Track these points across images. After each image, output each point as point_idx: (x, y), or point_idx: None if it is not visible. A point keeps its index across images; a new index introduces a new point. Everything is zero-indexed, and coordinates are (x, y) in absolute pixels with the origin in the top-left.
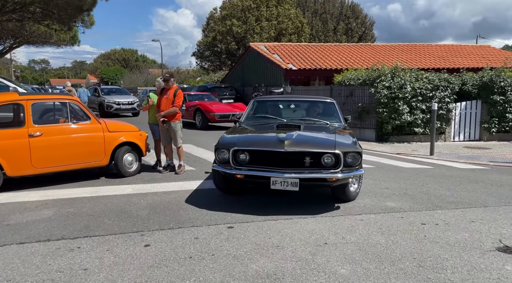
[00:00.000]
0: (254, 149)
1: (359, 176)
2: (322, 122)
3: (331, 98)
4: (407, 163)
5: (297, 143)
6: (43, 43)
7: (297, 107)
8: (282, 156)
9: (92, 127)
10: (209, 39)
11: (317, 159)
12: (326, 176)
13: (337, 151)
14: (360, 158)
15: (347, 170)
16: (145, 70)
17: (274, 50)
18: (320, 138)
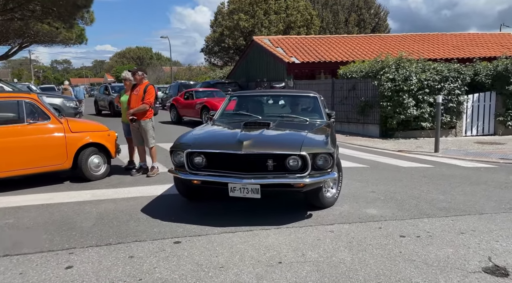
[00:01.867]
0: (210, 151)
1: (336, 179)
2: (301, 119)
3: (314, 93)
4: (406, 162)
5: (258, 144)
6: (50, 42)
7: (276, 102)
8: (240, 159)
9: (51, 128)
10: (216, 34)
11: (281, 162)
12: (291, 181)
13: (303, 153)
14: (332, 160)
15: (317, 173)
16: (158, 68)
17: (278, 44)
18: (287, 138)
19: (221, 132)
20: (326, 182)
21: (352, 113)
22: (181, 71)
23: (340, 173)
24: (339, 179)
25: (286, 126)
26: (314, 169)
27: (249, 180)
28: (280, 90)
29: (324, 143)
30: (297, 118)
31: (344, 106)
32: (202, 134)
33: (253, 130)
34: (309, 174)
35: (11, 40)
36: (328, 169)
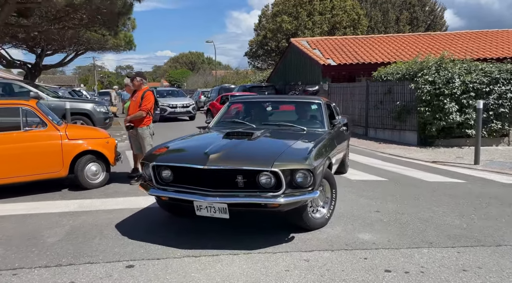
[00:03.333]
0: (174, 165)
1: (327, 197)
2: (297, 127)
3: (320, 99)
4: (435, 175)
5: (225, 158)
6: (101, 49)
7: (275, 109)
8: (205, 174)
9: (47, 135)
10: (260, 37)
11: (253, 179)
12: (263, 201)
13: (274, 169)
14: (312, 178)
15: (296, 192)
16: (206, 72)
17: (315, 45)
18: (261, 152)
19: (197, 143)
20: (314, 201)
21: (388, 119)
22: (229, 75)
23: (334, 190)
24: (332, 197)
25: (275, 137)
26: (292, 187)
27: (214, 198)
28: (283, 96)
29: (303, 157)
30: (294, 127)
31: (379, 111)
32: (176, 145)
33: (230, 142)
34: (284, 192)
35: (68, 48)
36: (309, 187)
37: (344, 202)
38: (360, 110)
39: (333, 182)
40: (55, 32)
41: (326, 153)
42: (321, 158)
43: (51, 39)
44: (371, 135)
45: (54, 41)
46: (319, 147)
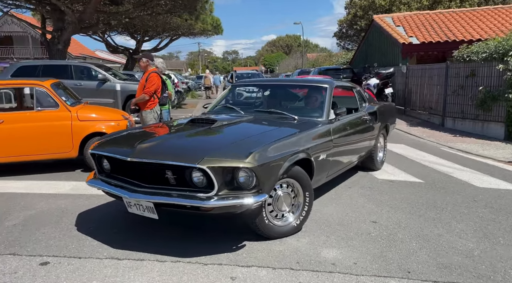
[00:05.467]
0: (104, 154)
1: (299, 202)
2: (287, 116)
3: (328, 83)
4: (495, 180)
5: (152, 150)
6: (191, 35)
7: (275, 94)
8: (133, 167)
9: (58, 116)
10: (350, 16)
11: (184, 176)
12: (190, 203)
13: (200, 166)
14: (254, 178)
15: (233, 194)
16: (297, 55)
17: (400, 22)
18: (200, 143)
19: (150, 131)
20: (277, 204)
21: (469, 107)
22: (321, 58)
23: (307, 193)
24: (305, 201)
25: (243, 126)
26: (232, 188)
27: (140, 195)
28: (288, 80)
29: (244, 153)
30: (284, 115)
31: (459, 98)
32: (128, 132)
33: (186, 131)
34: (218, 194)
35: (162, 34)
36: (252, 188)
37: (342, 205)
38: (437, 96)
39: (306, 183)
40: (147, 19)
41: (296, 147)
42: (279, 154)
43: (147, 25)
44: (448, 126)
45: (149, 27)
46: (283, 141)
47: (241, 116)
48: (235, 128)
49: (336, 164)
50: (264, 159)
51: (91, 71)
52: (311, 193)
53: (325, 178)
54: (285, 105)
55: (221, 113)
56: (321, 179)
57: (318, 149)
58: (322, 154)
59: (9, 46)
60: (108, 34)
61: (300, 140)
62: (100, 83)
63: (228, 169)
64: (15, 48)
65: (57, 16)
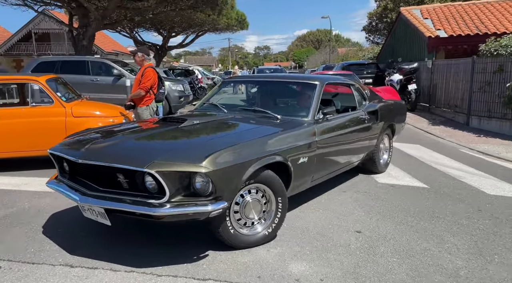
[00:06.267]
0: (58, 154)
1: (272, 210)
2: (270, 115)
3: (318, 80)
4: (509, 186)
5: (103, 152)
6: (216, 30)
7: (264, 91)
8: (86, 169)
9: (52, 111)
10: (380, 9)
11: (136, 180)
12: (140, 209)
13: (148, 170)
14: (211, 184)
15: (189, 201)
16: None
17: (428, 14)
18: (156, 145)
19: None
20: (245, 212)
21: (496, 105)
22: (352, 53)
23: (280, 198)
24: (278, 208)
25: (215, 126)
26: (189, 194)
27: (89, 199)
28: (279, 76)
29: (199, 157)
30: (266, 114)
31: (485, 95)
32: (95, 131)
33: (149, 131)
34: (170, 201)
35: (188, 30)
36: (209, 195)
37: (330, 212)
38: (462, 93)
39: (278, 188)
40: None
41: (268, 149)
42: (243, 157)
43: (172, 21)
44: (474, 125)
45: (175, 23)
46: (252, 142)
47: (220, 115)
48: (204, 128)
49: (324, 167)
50: (223, 162)
51: (108, 67)
52: (285, 199)
53: (309, 182)
54: (273, 103)
55: (205, 111)
56: (303, 183)
57: (297, 151)
58: (303, 156)
59: (46, 43)
60: (136, 30)
61: (274, 142)
62: (116, 78)
63: (182, 173)
64: (52, 45)
65: (82, 13)
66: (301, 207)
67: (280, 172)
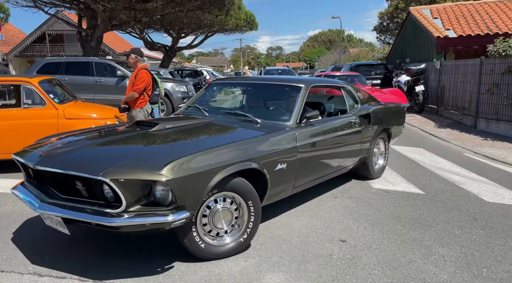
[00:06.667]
0: (19, 160)
1: (244, 219)
2: (251, 119)
3: (303, 83)
4: (510, 193)
5: (58, 158)
6: (226, 31)
7: (249, 94)
8: (45, 175)
9: (44, 113)
10: (391, 9)
11: (94, 188)
12: (95, 219)
13: (102, 178)
14: (170, 192)
15: (148, 211)
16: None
17: (438, 14)
18: (115, 151)
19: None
20: (214, 221)
21: (504, 108)
22: (363, 53)
23: (253, 207)
24: (250, 217)
25: (188, 131)
26: (149, 204)
27: (45, 206)
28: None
29: (161, 164)
30: (247, 117)
31: (493, 97)
32: (65, 135)
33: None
34: (127, 210)
35: (197, 31)
36: (169, 205)
37: (317, 219)
38: (470, 95)
39: (251, 197)
40: (181, 16)
41: (240, 155)
42: (210, 164)
43: (181, 22)
44: (481, 128)
45: (184, 24)
46: (221, 148)
47: (200, 119)
48: (174, 133)
49: (307, 173)
50: (184, 170)
51: (112, 68)
52: (258, 208)
53: (291, 189)
54: (257, 107)
55: (188, 114)
56: (283, 190)
57: (274, 157)
58: (281, 163)
59: (60, 44)
60: (146, 31)
61: (248, 148)
62: (120, 80)
63: (140, 182)
64: (66, 46)
65: (90, 14)
66: (289, 213)
67: (256, 178)
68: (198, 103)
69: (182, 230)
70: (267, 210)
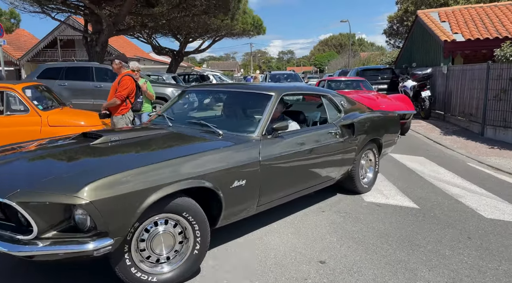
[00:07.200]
0: None
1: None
2: (212, 129)
3: (274, 91)
4: (510, 206)
5: None
6: (232, 35)
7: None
8: None
9: (27, 121)
10: (400, 12)
11: (6, 210)
12: (3, 247)
13: (7, 201)
14: (88, 217)
15: (65, 237)
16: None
17: (446, 17)
18: (34, 168)
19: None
20: (153, 247)
21: None
22: (374, 57)
23: (199, 231)
24: (195, 244)
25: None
26: (67, 229)
27: None
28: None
29: (79, 185)
30: (208, 128)
31: (501, 104)
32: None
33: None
34: (40, 237)
35: (204, 36)
36: (89, 231)
37: (298, 236)
38: (477, 101)
39: (197, 218)
40: (188, 20)
41: (185, 172)
42: (143, 183)
43: (188, 27)
44: (489, 135)
45: (191, 29)
46: (161, 165)
47: (157, 129)
48: (117, 147)
49: (276, 190)
50: (109, 191)
51: (112, 73)
52: (205, 232)
53: (255, 208)
54: (226, 116)
55: (155, 123)
56: (244, 209)
57: (230, 173)
58: (239, 179)
59: (71, 49)
60: (154, 36)
61: (198, 163)
62: None
63: (54, 205)
64: (77, 51)
65: (95, 19)
66: (270, 227)
67: (210, 197)
68: (169, 112)
69: (112, 257)
70: (245, 224)
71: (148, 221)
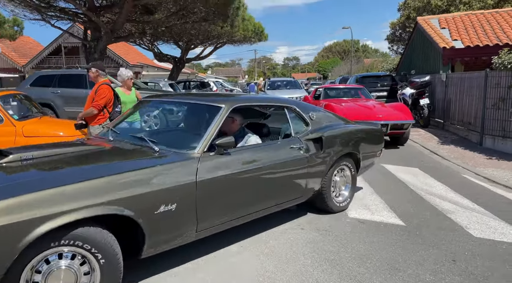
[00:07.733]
0: None
1: None
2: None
3: (223, 103)
4: (505, 225)
5: None
6: (234, 42)
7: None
8: None
9: (0, 131)
10: (402, 19)
11: None
12: None
13: None
14: None
15: None
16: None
17: (446, 24)
18: None
19: None
20: None
21: (511, 124)
22: (377, 63)
23: (103, 264)
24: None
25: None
26: None
27: None
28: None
29: None
30: (147, 144)
31: (499, 112)
32: None
33: None
34: None
35: (206, 42)
36: None
37: (268, 258)
38: (476, 109)
39: (104, 252)
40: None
41: (89, 198)
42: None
43: (189, 34)
44: (487, 145)
45: (192, 36)
46: (64, 189)
47: (91, 144)
48: (22, 167)
49: (219, 212)
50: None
51: None
52: (115, 265)
53: (194, 234)
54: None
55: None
56: (178, 236)
57: (154, 197)
58: (167, 204)
59: (75, 56)
60: (155, 43)
61: (114, 186)
62: None
63: None
64: (81, 58)
65: (93, 26)
66: (242, 244)
67: (132, 224)
68: (122, 124)
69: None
70: (213, 240)
71: (43, 255)
